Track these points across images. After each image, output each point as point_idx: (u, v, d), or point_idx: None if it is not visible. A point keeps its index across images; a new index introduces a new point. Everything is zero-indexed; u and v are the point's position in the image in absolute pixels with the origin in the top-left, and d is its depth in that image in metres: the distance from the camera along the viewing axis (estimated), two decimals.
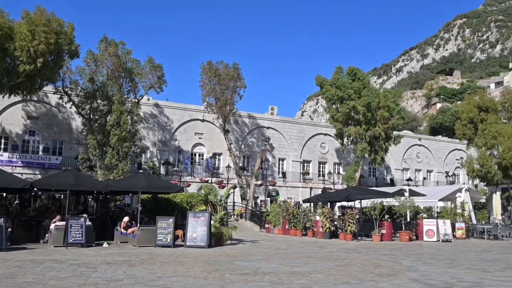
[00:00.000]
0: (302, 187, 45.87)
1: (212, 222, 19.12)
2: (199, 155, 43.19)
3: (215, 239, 19.19)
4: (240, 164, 42.74)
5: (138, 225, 18.56)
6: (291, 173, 46.28)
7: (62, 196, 23.34)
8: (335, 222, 25.61)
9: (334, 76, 42.39)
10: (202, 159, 43.12)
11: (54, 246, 16.82)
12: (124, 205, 29.03)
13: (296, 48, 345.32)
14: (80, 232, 17.04)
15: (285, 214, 27.60)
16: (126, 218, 19.61)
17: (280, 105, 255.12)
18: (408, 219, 27.29)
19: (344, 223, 24.01)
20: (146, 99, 38.60)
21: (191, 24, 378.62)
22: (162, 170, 39.95)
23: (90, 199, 27.06)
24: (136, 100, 34.74)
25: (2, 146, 36.05)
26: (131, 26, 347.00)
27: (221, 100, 39.30)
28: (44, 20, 25.85)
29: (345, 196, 25.96)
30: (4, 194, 24.16)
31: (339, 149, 46.93)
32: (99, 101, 33.40)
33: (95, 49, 33.53)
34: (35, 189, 19.77)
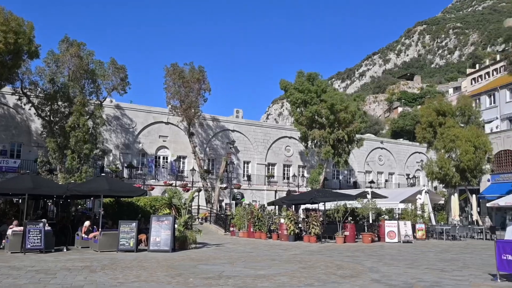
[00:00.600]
0: (267, 190, 46.01)
1: (176, 225, 18.96)
2: (164, 158, 42.70)
3: (179, 243, 19.01)
4: (205, 167, 42.49)
5: (100, 229, 18.19)
6: (256, 176, 46.37)
7: (20, 201, 22.60)
8: (300, 225, 25.84)
9: (297, 80, 42.88)
10: (167, 162, 42.64)
11: (11, 252, 16.31)
12: (85, 209, 28.37)
13: (262, 52, 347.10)
14: (39, 237, 16.57)
15: (250, 217, 27.63)
16: (87, 223, 19.19)
17: (245, 108, 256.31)
18: (371, 221, 27.83)
19: (308, 225, 24.24)
20: (109, 101, 37.87)
21: (156, 27, 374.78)
22: (125, 173, 39.27)
23: (50, 204, 26.33)
24: (99, 102, 34.07)
25: None
26: (96, 28, 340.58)
27: (186, 102, 38.99)
28: (2, 19, 25.04)
29: (309, 199, 26.19)
30: None
31: (303, 152, 47.35)
32: (60, 102, 32.50)
33: (56, 50, 32.71)
34: None
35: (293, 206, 30.69)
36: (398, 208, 33.27)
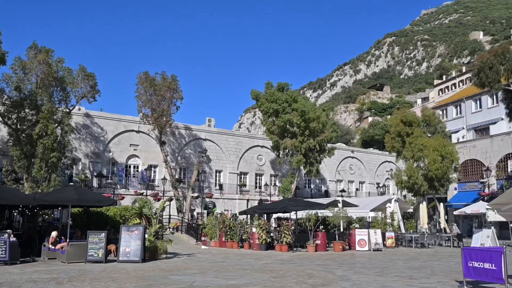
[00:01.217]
0: (239, 199, 45.90)
1: (146, 235, 18.70)
2: (134, 167, 42.14)
3: (150, 253, 18.76)
4: (177, 176, 42.12)
5: (68, 240, 17.77)
6: (228, 185, 46.23)
7: None
8: (271, 234, 25.85)
9: (266, 91, 43.17)
10: (137, 171, 42.09)
11: None
12: (53, 219, 27.69)
13: (234, 62, 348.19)
14: (4, 249, 16.08)
15: (221, 226, 27.50)
16: (54, 233, 18.72)
17: (217, 117, 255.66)
18: (342, 230, 28.05)
19: (280, 234, 24.27)
20: (77, 109, 37.17)
21: (129, 35, 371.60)
22: (95, 183, 38.53)
23: (15, 214, 25.60)
24: (68, 110, 33.43)
25: None
26: (66, 35, 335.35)
27: (157, 111, 38.64)
28: None
29: (281, 208, 26.26)
30: None
31: (275, 161, 47.52)
32: (27, 110, 31.75)
33: (24, 57, 31.97)
34: None
35: (265, 215, 30.76)
36: (369, 217, 33.67)
